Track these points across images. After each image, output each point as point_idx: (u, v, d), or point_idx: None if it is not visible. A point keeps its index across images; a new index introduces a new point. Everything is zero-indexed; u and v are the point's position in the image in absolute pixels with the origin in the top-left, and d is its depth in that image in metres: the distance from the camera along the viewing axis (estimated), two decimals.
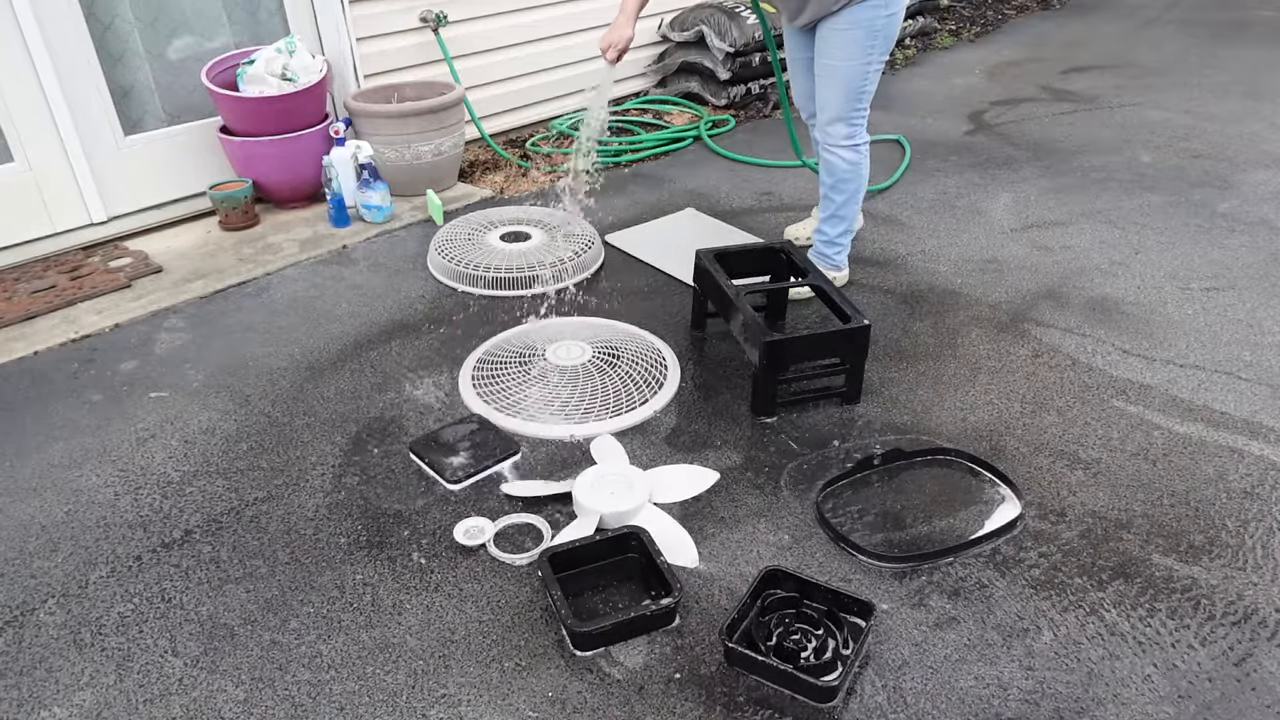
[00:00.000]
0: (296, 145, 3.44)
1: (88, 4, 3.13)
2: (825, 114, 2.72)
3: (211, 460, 2.21)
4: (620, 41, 2.61)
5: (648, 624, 1.70)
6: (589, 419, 2.29)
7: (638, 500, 1.97)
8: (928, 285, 2.97)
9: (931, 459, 2.17)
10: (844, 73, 2.61)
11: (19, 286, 2.99)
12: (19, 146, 3.10)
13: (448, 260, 3.04)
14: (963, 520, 1.99)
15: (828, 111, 2.70)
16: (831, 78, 2.64)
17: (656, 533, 1.87)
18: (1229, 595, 1.78)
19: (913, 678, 1.62)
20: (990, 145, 4.26)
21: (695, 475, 2.12)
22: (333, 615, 1.77)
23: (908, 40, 6.08)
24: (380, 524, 2.00)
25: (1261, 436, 2.23)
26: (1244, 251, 3.16)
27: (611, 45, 2.61)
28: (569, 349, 2.55)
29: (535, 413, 2.32)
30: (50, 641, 1.72)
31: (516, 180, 4.01)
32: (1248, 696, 1.58)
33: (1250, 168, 3.88)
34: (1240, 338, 2.64)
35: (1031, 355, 2.59)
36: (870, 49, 2.58)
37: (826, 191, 2.84)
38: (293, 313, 2.88)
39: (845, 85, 2.63)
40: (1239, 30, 6.37)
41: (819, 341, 2.37)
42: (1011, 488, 2.07)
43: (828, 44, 2.61)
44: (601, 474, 2.06)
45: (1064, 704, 1.57)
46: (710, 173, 3.98)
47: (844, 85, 2.63)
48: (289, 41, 3.45)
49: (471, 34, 4.15)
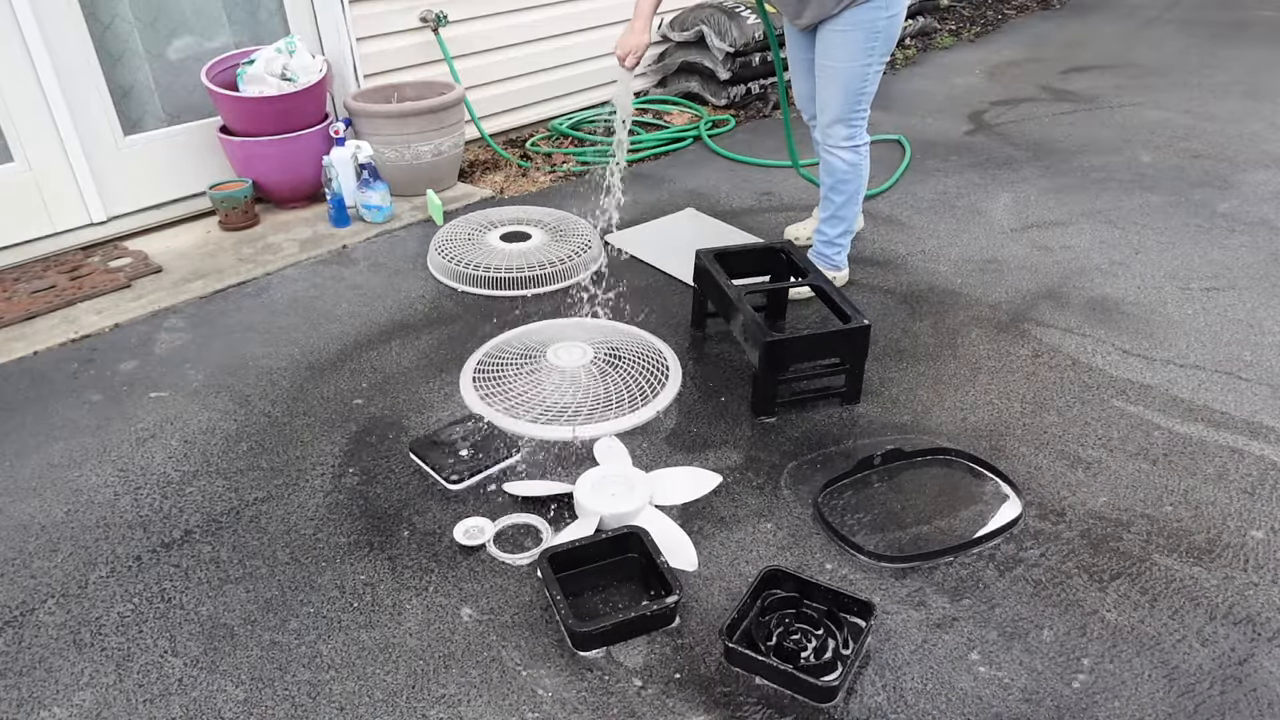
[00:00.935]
0: (296, 145, 3.44)
1: (88, 4, 3.13)
2: (826, 115, 2.72)
3: (211, 460, 2.21)
4: (638, 48, 2.56)
5: (648, 624, 1.70)
6: (591, 420, 2.29)
7: (638, 502, 1.97)
8: (928, 285, 2.97)
9: (931, 458, 2.17)
10: (844, 74, 2.61)
11: (19, 286, 2.99)
12: (19, 146, 3.10)
13: (448, 260, 3.04)
14: (964, 519, 1.99)
15: (828, 113, 2.70)
16: (832, 79, 2.64)
17: (656, 534, 1.87)
18: (1229, 595, 1.78)
19: (913, 678, 1.62)
20: (990, 145, 4.26)
21: (697, 478, 2.11)
22: (333, 615, 1.77)
23: (908, 40, 6.08)
24: (380, 524, 2.00)
25: (1262, 436, 2.23)
26: (1244, 251, 3.16)
27: (630, 52, 2.56)
28: (570, 351, 2.55)
29: (537, 415, 2.32)
30: (50, 641, 1.72)
31: (516, 180, 4.01)
32: (1248, 696, 1.58)
33: (1250, 168, 3.88)
34: (1240, 338, 2.64)
35: (1031, 355, 2.59)
36: (871, 50, 2.57)
37: (826, 192, 2.84)
38: (293, 313, 2.88)
39: (845, 86, 2.63)
40: (1239, 30, 6.37)
41: (819, 341, 2.37)
42: (1012, 486, 2.07)
43: (828, 45, 2.61)
44: (603, 475, 2.06)
45: (1064, 704, 1.57)
46: (710, 173, 3.98)
47: (844, 86, 2.63)
48: (289, 41, 3.45)
49: (471, 34, 4.15)
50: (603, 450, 2.19)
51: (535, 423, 2.29)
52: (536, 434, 2.26)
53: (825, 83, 2.67)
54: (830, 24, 2.58)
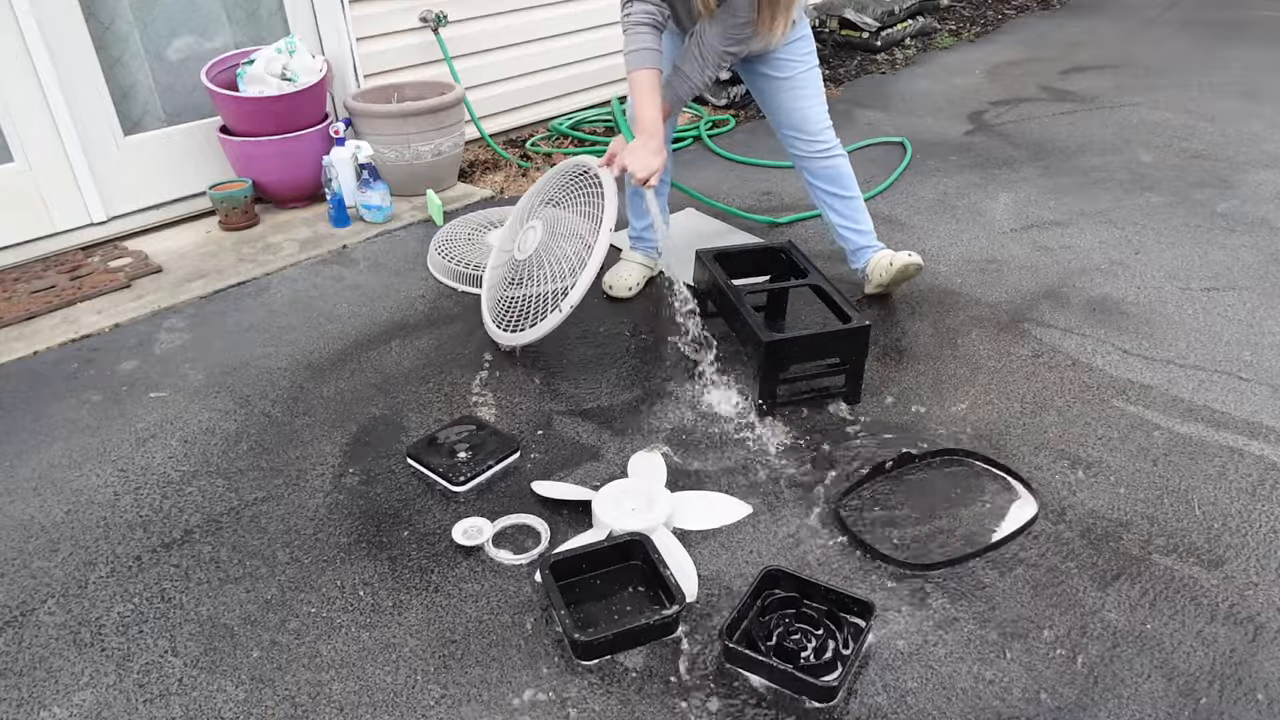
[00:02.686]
0: (296, 145, 3.44)
1: (88, 4, 3.13)
2: (817, 124, 2.65)
3: (211, 460, 2.21)
4: (661, 169, 2.37)
5: (649, 634, 1.69)
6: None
7: (653, 522, 1.92)
8: (928, 285, 2.97)
9: (943, 460, 2.17)
10: (813, 76, 2.62)
11: (19, 286, 2.99)
12: (19, 146, 3.10)
13: (448, 260, 3.04)
14: (980, 521, 1.98)
15: (820, 121, 2.65)
16: (805, 86, 2.61)
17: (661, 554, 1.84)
18: (1229, 595, 1.78)
19: (913, 678, 1.62)
20: (990, 145, 4.26)
21: (723, 506, 2.02)
22: (333, 615, 1.77)
23: (907, 40, 6.08)
24: (380, 524, 2.00)
25: (1262, 436, 2.23)
26: (1244, 251, 3.16)
27: (656, 173, 2.35)
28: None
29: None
30: (50, 641, 1.72)
31: (516, 180, 4.01)
32: (1248, 696, 1.58)
33: (1250, 168, 3.88)
34: (1240, 338, 2.64)
35: (1031, 355, 2.59)
36: (812, 52, 2.61)
37: (841, 195, 2.75)
38: (293, 313, 2.88)
39: (819, 87, 2.63)
40: (1239, 30, 6.37)
41: (819, 341, 2.37)
42: (1025, 485, 2.07)
43: (786, 62, 2.58)
44: (625, 488, 2.02)
45: (1064, 704, 1.57)
46: (710, 173, 3.97)
47: (818, 87, 2.63)
48: (289, 41, 3.45)
49: (471, 34, 4.15)
50: (638, 464, 2.16)
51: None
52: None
53: (803, 94, 2.62)
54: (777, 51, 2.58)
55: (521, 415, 2.36)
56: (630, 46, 2.37)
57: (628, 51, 2.38)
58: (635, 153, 2.34)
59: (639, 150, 2.34)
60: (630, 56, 2.38)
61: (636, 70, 2.37)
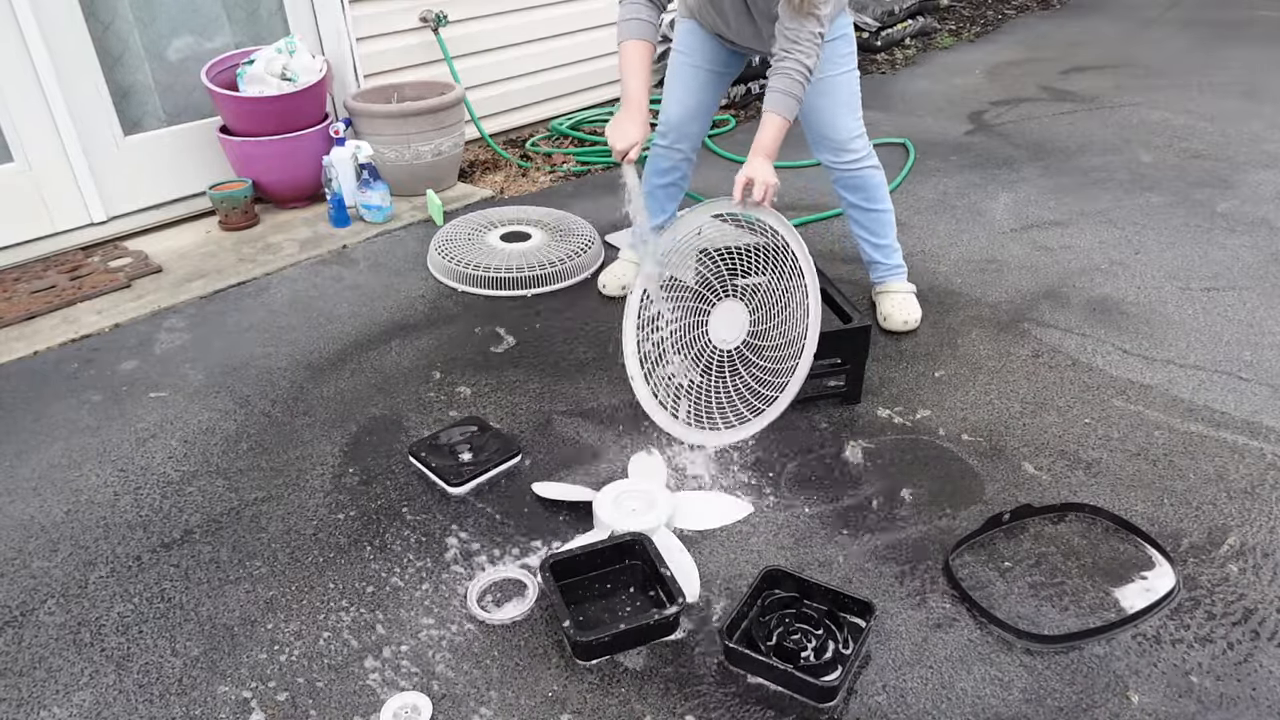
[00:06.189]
0: (296, 145, 3.44)
1: (88, 4, 3.13)
2: (846, 133, 2.50)
3: (211, 460, 2.21)
4: (642, 140, 2.26)
5: (649, 634, 1.69)
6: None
7: (654, 522, 1.92)
8: (928, 285, 2.97)
9: (1062, 516, 1.99)
10: (846, 82, 2.46)
11: (19, 286, 2.99)
12: (19, 146, 3.10)
13: (448, 260, 3.04)
14: (1109, 587, 1.81)
15: (849, 129, 2.50)
16: (837, 90, 2.46)
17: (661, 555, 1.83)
18: (1229, 595, 1.78)
19: (913, 678, 1.62)
20: (990, 145, 4.26)
21: (724, 505, 2.03)
22: (333, 615, 1.77)
23: (907, 40, 6.08)
24: (380, 524, 2.00)
25: (1262, 436, 2.23)
26: (1244, 251, 3.16)
27: (635, 145, 2.24)
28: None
29: None
30: (50, 641, 1.72)
31: (516, 180, 4.01)
32: (1248, 696, 1.58)
33: (1250, 168, 3.88)
34: (1240, 338, 2.64)
35: (1031, 355, 2.59)
36: (852, 55, 2.47)
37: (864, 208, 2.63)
38: (293, 313, 2.88)
39: (853, 93, 2.48)
40: (1239, 30, 6.37)
41: (819, 342, 2.36)
42: (1159, 550, 1.88)
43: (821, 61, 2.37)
44: (625, 489, 2.02)
45: (1064, 704, 1.57)
46: (710, 173, 3.97)
47: (851, 93, 2.48)
48: (289, 41, 3.45)
49: (471, 34, 4.15)
50: (638, 465, 2.16)
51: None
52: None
53: (830, 99, 2.47)
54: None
55: (521, 415, 2.36)
56: (624, 16, 2.28)
57: (620, 21, 2.29)
58: (617, 123, 2.26)
59: (621, 120, 2.25)
60: (622, 26, 2.28)
61: (626, 41, 2.28)
